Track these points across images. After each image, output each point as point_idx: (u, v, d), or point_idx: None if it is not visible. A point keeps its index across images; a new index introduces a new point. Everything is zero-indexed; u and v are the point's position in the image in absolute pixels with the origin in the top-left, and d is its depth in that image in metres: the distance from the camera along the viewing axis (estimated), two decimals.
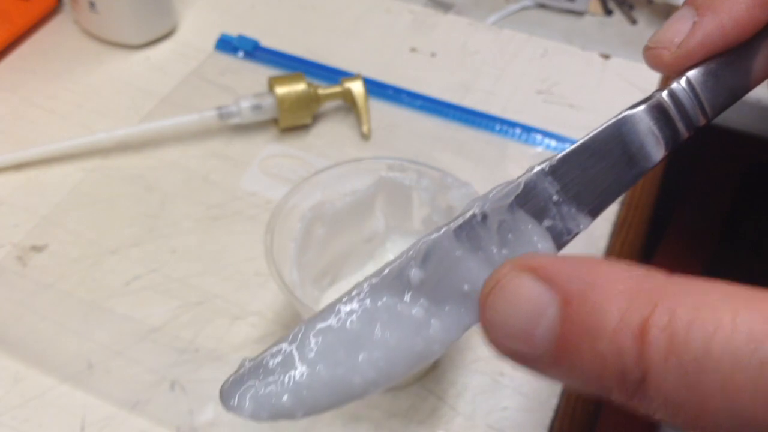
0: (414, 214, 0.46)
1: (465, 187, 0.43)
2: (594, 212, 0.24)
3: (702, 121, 0.25)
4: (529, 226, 0.23)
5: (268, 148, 0.55)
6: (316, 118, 0.57)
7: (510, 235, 0.23)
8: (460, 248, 0.23)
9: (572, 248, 0.23)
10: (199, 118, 0.54)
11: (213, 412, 0.42)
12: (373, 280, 0.23)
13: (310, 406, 0.22)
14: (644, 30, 0.72)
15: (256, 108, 0.55)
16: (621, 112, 0.25)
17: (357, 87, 0.56)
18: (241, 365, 0.23)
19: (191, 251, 0.49)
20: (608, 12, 0.73)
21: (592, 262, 0.18)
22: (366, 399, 0.42)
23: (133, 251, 0.49)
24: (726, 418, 0.15)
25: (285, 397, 0.22)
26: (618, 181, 0.25)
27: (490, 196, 0.24)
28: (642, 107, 0.25)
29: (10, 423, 0.41)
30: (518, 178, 0.24)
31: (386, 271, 0.23)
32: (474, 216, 0.23)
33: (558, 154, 0.24)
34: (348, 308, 0.23)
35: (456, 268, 0.23)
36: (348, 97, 0.57)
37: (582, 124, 0.57)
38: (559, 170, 0.24)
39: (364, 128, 0.56)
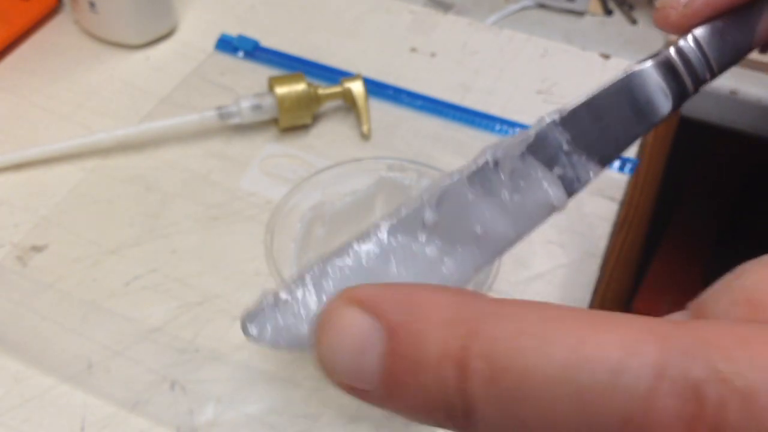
0: None
1: None
2: (604, 161, 0.25)
3: (708, 77, 0.26)
4: (540, 173, 0.25)
5: (268, 148, 0.55)
6: (316, 118, 0.57)
7: (522, 182, 0.24)
8: (472, 193, 0.24)
9: (573, 248, 0.23)
10: (199, 118, 0.54)
11: (213, 412, 0.42)
12: (389, 222, 0.24)
13: None
14: (644, 30, 0.72)
15: (256, 108, 0.55)
16: (629, 67, 0.25)
17: (357, 87, 0.56)
18: (261, 297, 0.24)
19: (191, 251, 0.49)
20: (608, 12, 0.73)
21: (417, 290, 0.17)
22: None
23: (133, 251, 0.49)
24: None
25: (303, 327, 0.23)
26: (627, 132, 0.25)
27: (503, 144, 0.25)
28: (650, 62, 0.26)
29: (10, 423, 0.41)
30: (530, 128, 0.25)
31: (402, 213, 0.24)
32: (487, 163, 0.24)
33: (569, 105, 0.25)
34: (364, 247, 0.24)
35: (469, 211, 0.24)
36: (348, 97, 0.57)
37: None
38: (569, 121, 0.25)
39: (364, 128, 0.56)
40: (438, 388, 0.15)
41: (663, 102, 0.26)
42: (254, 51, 0.62)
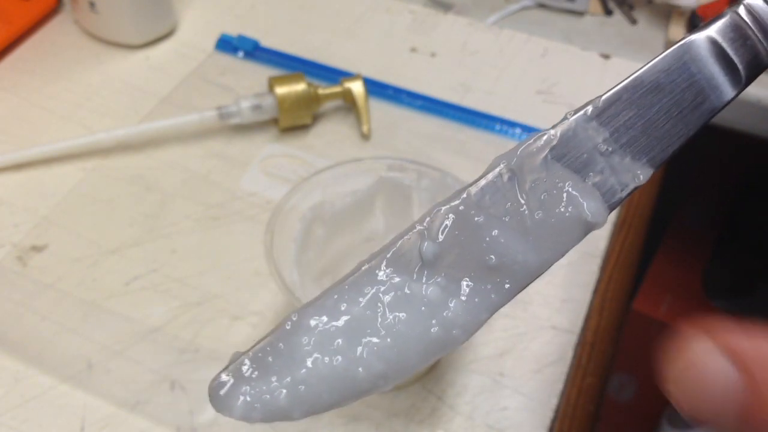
0: (414, 214, 0.46)
1: None
2: (655, 160, 0.20)
3: None
4: (569, 184, 0.20)
5: (268, 148, 0.55)
6: (316, 118, 0.57)
7: (545, 196, 0.19)
8: (482, 214, 0.19)
9: (573, 249, 0.22)
10: (199, 118, 0.54)
11: (213, 412, 0.41)
12: (378, 259, 0.20)
13: (309, 404, 0.20)
14: (644, 30, 0.72)
15: (256, 108, 0.55)
16: (684, 36, 0.20)
17: (357, 87, 0.56)
18: (232, 360, 0.21)
19: (191, 251, 0.49)
20: (608, 12, 0.73)
21: None
22: (366, 399, 0.42)
23: (133, 251, 0.49)
24: None
25: (281, 395, 0.20)
26: (683, 120, 0.20)
27: (519, 150, 0.20)
28: (711, 28, 0.20)
29: (10, 423, 0.41)
30: (553, 126, 0.20)
31: (394, 247, 0.20)
32: (499, 176, 0.19)
33: (604, 93, 0.20)
34: (348, 295, 0.20)
35: (478, 238, 0.19)
36: (348, 97, 0.57)
37: None
38: (606, 113, 0.20)
39: (364, 128, 0.56)
40: None
41: (728, 77, 0.20)
42: (254, 51, 0.62)
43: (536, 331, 0.46)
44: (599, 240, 0.51)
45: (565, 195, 0.19)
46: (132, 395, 0.42)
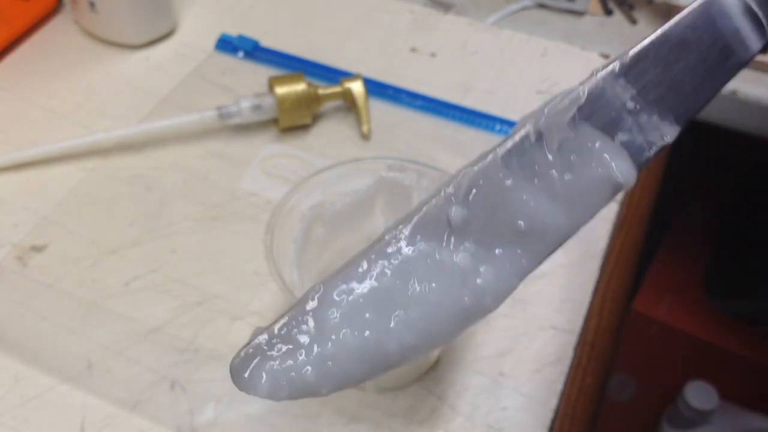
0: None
1: None
2: (682, 118, 0.19)
3: None
4: (598, 143, 0.19)
5: (268, 148, 0.55)
6: (316, 118, 0.57)
7: (573, 156, 0.19)
8: (510, 177, 0.19)
9: (573, 248, 0.21)
10: (199, 118, 0.54)
11: (213, 412, 0.42)
12: (404, 226, 0.19)
13: (337, 379, 0.19)
14: (644, 30, 0.72)
15: (256, 108, 0.55)
16: None
17: (357, 87, 0.56)
18: (254, 335, 0.20)
19: (191, 251, 0.49)
20: (608, 12, 0.73)
21: None
22: (366, 399, 0.42)
23: (132, 251, 0.49)
24: None
25: (307, 371, 0.19)
26: (710, 76, 0.19)
27: (546, 110, 0.19)
28: None
29: (10, 423, 0.41)
30: (580, 84, 0.19)
31: (421, 212, 0.19)
32: (526, 137, 0.19)
33: (630, 48, 0.19)
34: (376, 264, 0.19)
35: (507, 201, 0.19)
36: (348, 97, 0.57)
37: None
38: (633, 70, 0.19)
39: (364, 128, 0.56)
40: None
41: (753, 31, 0.19)
42: (254, 51, 0.62)
43: (536, 331, 0.46)
44: (599, 240, 0.51)
45: (593, 155, 0.19)
46: (132, 395, 0.42)
